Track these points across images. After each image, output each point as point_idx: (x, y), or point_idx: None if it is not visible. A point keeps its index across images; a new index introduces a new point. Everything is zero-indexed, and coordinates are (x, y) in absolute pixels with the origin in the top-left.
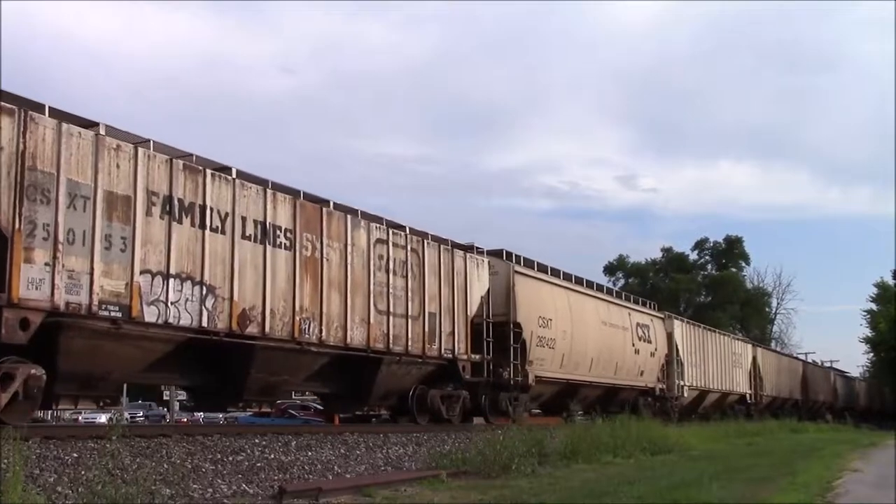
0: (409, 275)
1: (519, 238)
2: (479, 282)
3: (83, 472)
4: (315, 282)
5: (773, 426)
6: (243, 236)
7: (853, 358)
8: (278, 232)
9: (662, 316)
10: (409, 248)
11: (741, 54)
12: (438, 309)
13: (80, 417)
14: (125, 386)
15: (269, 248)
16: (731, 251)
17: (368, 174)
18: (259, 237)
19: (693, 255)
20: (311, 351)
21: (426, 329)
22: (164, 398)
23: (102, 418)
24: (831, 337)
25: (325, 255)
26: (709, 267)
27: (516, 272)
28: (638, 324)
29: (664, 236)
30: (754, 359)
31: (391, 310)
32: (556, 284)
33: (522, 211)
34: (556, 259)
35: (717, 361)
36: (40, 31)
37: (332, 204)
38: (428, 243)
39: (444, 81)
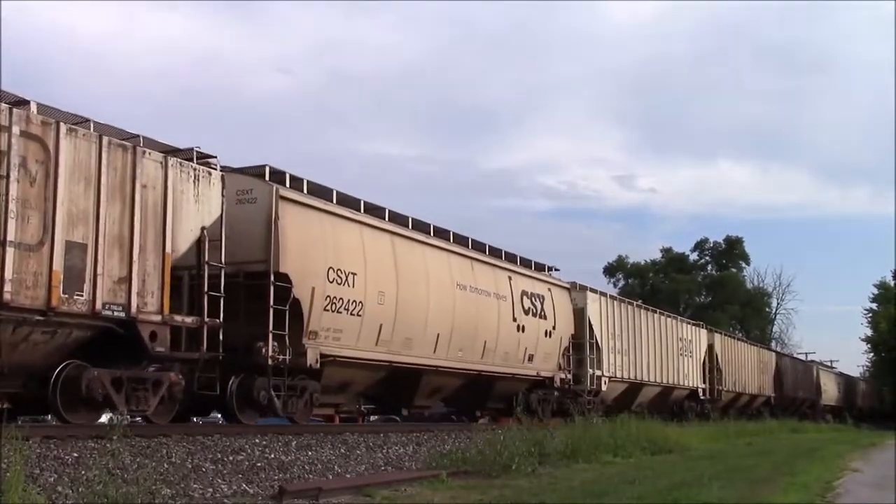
0: (20, 173)
1: (517, 238)
2: (200, 205)
3: (83, 472)
4: None
5: (773, 426)
6: None
7: (853, 358)
8: None
9: (567, 286)
10: (17, 131)
11: (739, 54)
12: (94, 237)
13: None
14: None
15: None
16: (731, 251)
17: (366, 174)
18: None
19: (693, 256)
20: None
21: (60, 267)
22: None
23: (102, 418)
24: (831, 337)
25: None
26: (709, 267)
27: (284, 199)
28: (525, 292)
29: (663, 237)
30: (711, 347)
31: None
32: (366, 224)
33: (520, 211)
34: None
35: (658, 348)
36: (36, 30)
37: None
38: (82, 135)
39: (441, 81)
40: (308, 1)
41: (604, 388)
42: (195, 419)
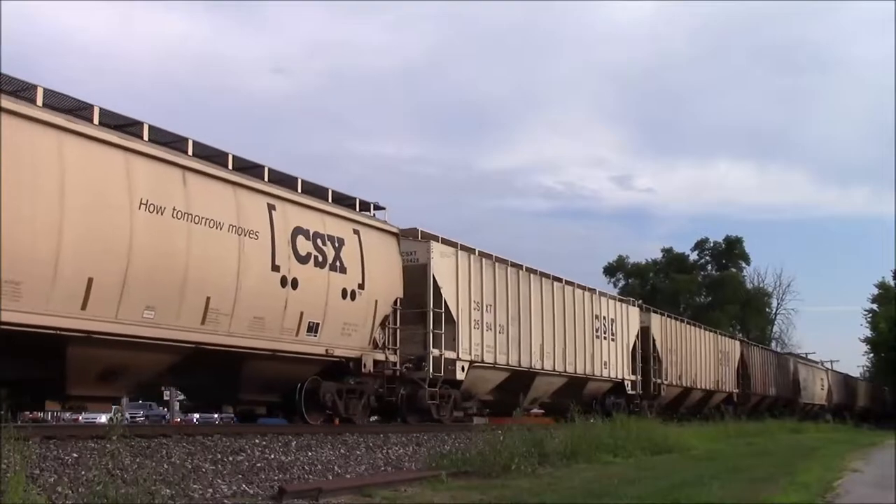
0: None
1: (515, 239)
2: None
3: (83, 472)
4: None
5: (773, 426)
6: None
7: (853, 358)
8: None
9: (395, 230)
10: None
11: (738, 54)
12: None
13: (80, 417)
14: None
15: None
16: (731, 251)
17: (365, 175)
18: None
19: (693, 256)
20: None
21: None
22: (165, 398)
23: (102, 418)
24: (831, 337)
25: None
26: (709, 267)
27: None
28: (302, 230)
29: (662, 237)
30: (646, 330)
31: None
32: None
33: (518, 211)
34: (554, 259)
35: (561, 327)
36: (35, 30)
37: None
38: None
39: (439, 81)
40: (305, 1)
41: (460, 375)
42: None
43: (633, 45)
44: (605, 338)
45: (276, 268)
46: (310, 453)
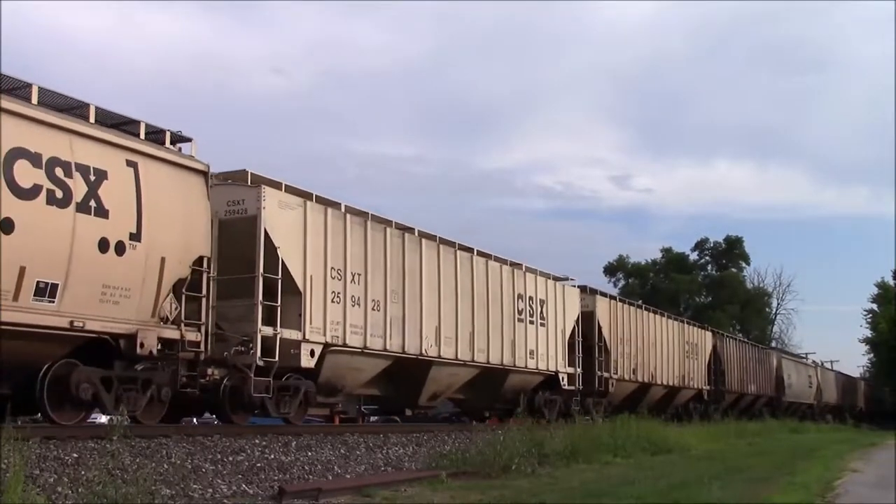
0: None
1: (514, 239)
2: None
3: (83, 473)
4: None
5: (773, 426)
6: None
7: (853, 358)
8: None
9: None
10: None
11: (737, 53)
12: None
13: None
14: None
15: None
16: (731, 251)
17: (364, 175)
18: None
19: (693, 256)
20: None
21: None
22: None
23: (103, 418)
24: (831, 337)
25: None
26: (709, 267)
27: None
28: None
29: (662, 237)
30: (588, 315)
31: None
32: None
33: (517, 211)
34: (554, 259)
35: (467, 303)
36: (33, 29)
37: None
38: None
39: (438, 81)
40: (305, 1)
41: (307, 361)
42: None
43: (633, 44)
44: (531, 322)
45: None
46: (310, 453)
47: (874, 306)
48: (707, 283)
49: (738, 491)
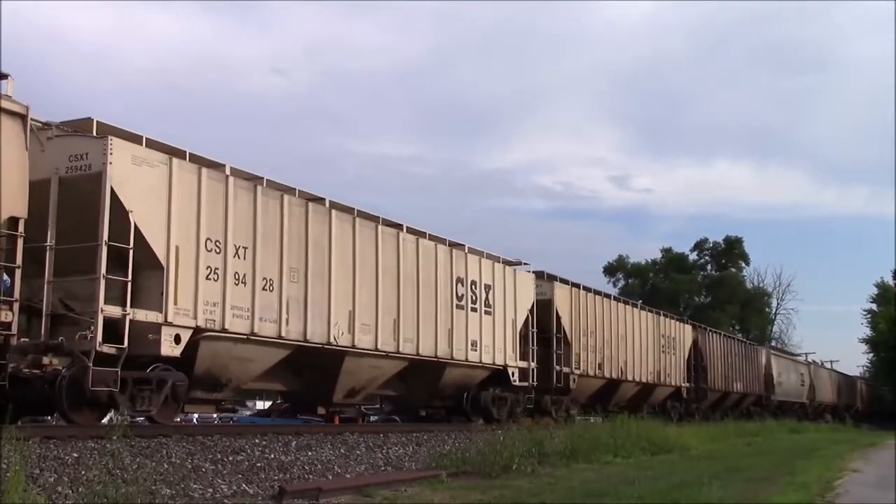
0: None
1: (514, 238)
2: None
3: (83, 472)
4: None
5: (772, 426)
6: None
7: (853, 358)
8: None
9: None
10: None
11: (737, 53)
12: None
13: None
14: None
15: None
16: (730, 251)
17: (363, 175)
18: None
19: (693, 256)
20: None
21: None
22: None
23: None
24: (831, 337)
25: None
26: (709, 267)
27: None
28: None
29: (661, 237)
30: (546, 304)
31: None
32: None
33: (517, 211)
34: (554, 259)
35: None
36: (33, 30)
37: None
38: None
39: (438, 81)
40: (304, 1)
41: (170, 348)
42: None
43: (633, 44)
44: (474, 309)
45: None
46: (310, 453)
47: (874, 306)
48: (707, 283)
49: (737, 491)
